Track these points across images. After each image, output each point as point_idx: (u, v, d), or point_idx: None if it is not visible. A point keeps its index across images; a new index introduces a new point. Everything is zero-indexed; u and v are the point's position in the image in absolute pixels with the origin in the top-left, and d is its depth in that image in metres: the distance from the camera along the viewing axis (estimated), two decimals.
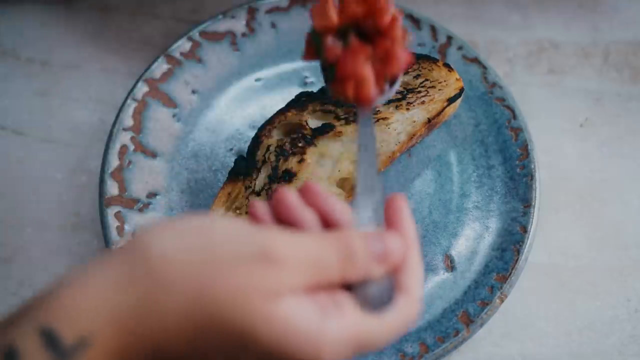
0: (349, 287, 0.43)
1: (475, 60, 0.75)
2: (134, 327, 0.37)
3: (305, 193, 0.45)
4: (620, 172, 0.74)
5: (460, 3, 0.82)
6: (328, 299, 0.41)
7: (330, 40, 0.53)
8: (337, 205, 0.45)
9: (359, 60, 0.51)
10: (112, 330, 0.37)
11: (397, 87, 0.54)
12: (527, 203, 0.69)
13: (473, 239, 0.69)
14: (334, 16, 0.53)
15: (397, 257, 0.43)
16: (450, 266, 0.68)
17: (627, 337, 0.67)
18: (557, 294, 0.69)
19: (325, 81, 0.55)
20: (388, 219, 0.46)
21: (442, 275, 0.67)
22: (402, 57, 0.52)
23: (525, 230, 0.68)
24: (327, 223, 0.45)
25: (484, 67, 0.74)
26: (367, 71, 0.51)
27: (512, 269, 0.66)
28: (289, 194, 0.44)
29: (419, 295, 0.44)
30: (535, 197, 0.69)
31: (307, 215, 0.44)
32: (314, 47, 0.54)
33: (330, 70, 0.53)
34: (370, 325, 0.42)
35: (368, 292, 0.43)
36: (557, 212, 0.72)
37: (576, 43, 0.81)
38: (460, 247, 0.68)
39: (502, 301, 0.65)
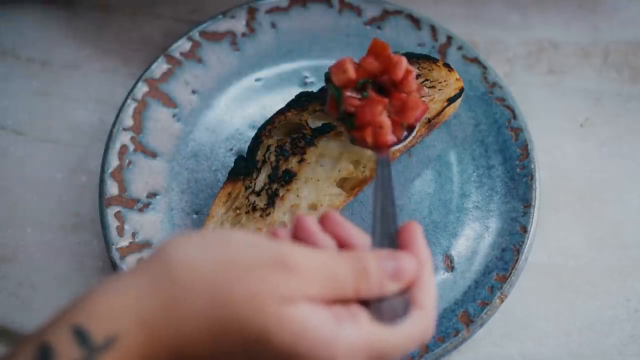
0: (364, 303, 0.44)
1: (475, 60, 0.75)
2: (158, 329, 0.40)
3: (324, 221, 0.47)
4: (620, 172, 0.74)
5: (460, 3, 0.82)
6: (344, 310, 0.43)
7: (349, 93, 0.60)
8: (355, 232, 0.47)
9: (376, 109, 0.59)
10: (138, 331, 0.39)
11: (414, 133, 0.61)
12: (527, 203, 0.69)
13: (473, 239, 0.69)
14: (352, 71, 0.60)
15: (410, 275, 0.45)
16: (450, 266, 0.68)
17: (627, 337, 0.67)
18: (557, 294, 0.69)
19: (347, 130, 0.62)
20: (402, 242, 0.47)
21: (442, 275, 0.67)
22: (417, 107, 0.59)
23: (525, 230, 0.68)
24: (345, 248, 0.47)
25: (484, 67, 0.74)
26: (384, 118, 0.58)
27: (512, 269, 0.66)
28: (308, 219, 0.46)
29: (433, 311, 0.46)
30: (535, 197, 0.69)
31: (325, 239, 0.46)
32: (335, 101, 0.62)
33: (349, 120, 0.61)
34: (385, 334, 0.43)
35: (383, 307, 0.44)
36: (557, 212, 0.72)
37: (576, 43, 0.81)
38: (460, 247, 0.68)
39: (502, 301, 0.65)
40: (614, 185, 0.74)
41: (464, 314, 0.65)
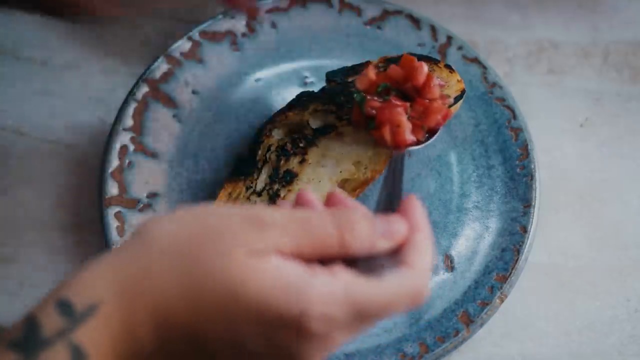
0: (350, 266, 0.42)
1: (475, 60, 0.75)
2: (136, 295, 0.40)
3: (330, 200, 0.46)
4: (620, 172, 0.74)
5: (460, 3, 0.82)
6: (323, 269, 0.41)
7: (370, 97, 0.62)
8: (359, 208, 0.45)
9: (395, 109, 0.61)
10: (118, 298, 0.40)
11: (436, 136, 0.62)
12: (527, 203, 0.69)
13: (473, 239, 0.69)
14: (373, 74, 0.63)
15: (401, 234, 0.44)
16: (450, 266, 0.68)
17: (627, 337, 0.67)
18: (557, 294, 0.69)
19: (368, 132, 0.63)
20: (400, 211, 0.46)
21: (442, 275, 0.67)
22: (440, 111, 0.61)
23: (525, 230, 0.68)
24: None
25: (484, 67, 0.74)
26: (402, 117, 0.60)
27: (512, 269, 0.66)
28: (311, 194, 0.46)
29: (425, 272, 0.43)
30: (535, 197, 0.69)
31: None
32: (359, 109, 0.63)
33: (371, 122, 0.62)
34: (365, 286, 0.41)
35: (370, 267, 0.42)
36: (557, 212, 0.72)
37: (576, 43, 0.81)
38: (460, 247, 0.68)
39: (502, 301, 0.65)
40: (614, 185, 0.74)
41: (464, 314, 0.65)
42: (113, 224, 0.66)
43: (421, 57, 0.71)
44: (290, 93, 0.74)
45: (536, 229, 0.68)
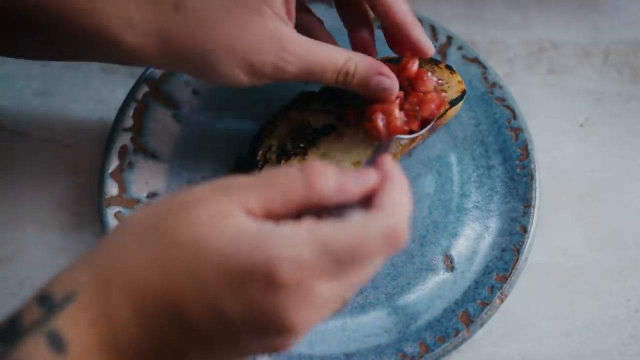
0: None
1: (475, 60, 0.75)
2: (110, 277, 0.41)
3: None
4: (620, 172, 0.74)
5: (460, 3, 0.82)
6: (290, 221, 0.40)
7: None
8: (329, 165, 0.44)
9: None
10: (93, 284, 0.40)
11: (429, 126, 0.63)
12: (527, 203, 0.69)
13: (473, 239, 0.69)
14: None
15: (372, 181, 0.42)
16: (450, 266, 0.68)
17: (627, 337, 0.67)
18: (557, 294, 0.69)
19: (361, 125, 0.64)
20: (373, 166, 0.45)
21: (442, 275, 0.67)
22: (433, 101, 0.62)
23: (525, 230, 0.68)
24: None
25: (484, 67, 0.74)
26: (394, 106, 0.62)
27: (512, 269, 0.66)
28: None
29: (399, 213, 0.41)
30: (535, 197, 0.69)
31: None
32: (352, 104, 0.65)
33: (363, 116, 0.63)
34: (330, 225, 0.40)
35: (340, 216, 0.40)
36: (557, 212, 0.72)
37: (576, 43, 0.81)
38: (460, 247, 0.68)
39: (502, 301, 0.65)
40: (614, 185, 0.74)
41: (464, 314, 0.65)
42: (113, 224, 0.66)
43: (422, 58, 0.71)
44: (291, 92, 0.74)
45: (536, 229, 0.68)
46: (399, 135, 0.62)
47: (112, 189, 0.68)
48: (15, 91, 0.76)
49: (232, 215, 0.40)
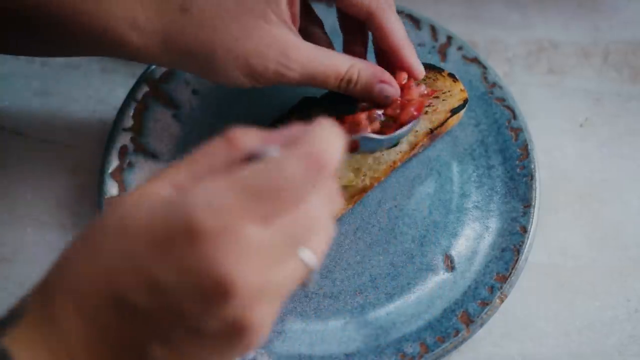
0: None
1: (475, 60, 0.75)
2: (52, 287, 0.40)
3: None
4: (620, 172, 0.74)
5: (460, 3, 0.82)
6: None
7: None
8: None
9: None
10: (35, 297, 0.40)
11: (408, 127, 0.61)
12: (527, 203, 0.69)
13: (473, 239, 0.69)
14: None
15: (293, 132, 0.41)
16: (450, 266, 0.68)
17: (627, 337, 0.67)
18: (557, 294, 0.69)
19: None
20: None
21: (442, 275, 0.67)
22: (411, 105, 0.62)
23: (525, 230, 0.68)
24: None
25: (484, 67, 0.74)
26: (363, 116, 0.62)
27: (512, 269, 0.66)
28: None
29: (320, 140, 0.39)
30: (535, 197, 0.69)
31: None
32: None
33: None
34: (251, 168, 0.38)
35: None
36: (557, 212, 0.72)
37: (576, 43, 0.81)
38: (460, 247, 0.68)
39: (502, 301, 0.65)
40: (614, 185, 0.74)
41: (464, 314, 0.65)
42: None
43: (426, 66, 0.71)
44: (290, 92, 0.74)
45: (536, 229, 0.68)
46: (372, 135, 0.60)
47: (112, 189, 0.68)
48: (15, 91, 0.76)
49: (157, 192, 0.39)
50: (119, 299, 0.38)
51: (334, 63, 0.60)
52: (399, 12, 0.76)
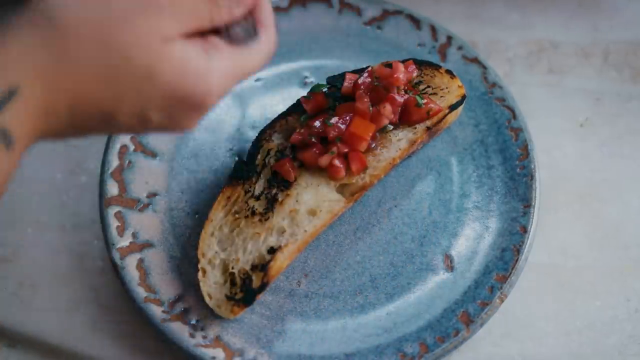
0: (218, 34, 0.50)
1: (475, 60, 0.75)
2: (54, 80, 0.44)
3: None
4: (620, 172, 0.74)
5: (460, 3, 0.82)
6: (205, 42, 0.48)
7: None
8: None
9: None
10: (36, 83, 0.43)
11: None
12: (527, 203, 0.69)
13: (473, 239, 0.69)
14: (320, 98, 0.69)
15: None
16: (450, 266, 0.68)
17: (627, 337, 0.67)
18: (557, 294, 0.69)
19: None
20: None
21: (442, 275, 0.67)
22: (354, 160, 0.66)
23: (525, 230, 0.68)
24: None
25: (484, 67, 0.74)
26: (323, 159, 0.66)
27: (512, 269, 0.66)
28: None
29: (273, 27, 0.53)
30: (535, 197, 0.69)
31: None
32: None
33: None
34: (245, 56, 0.51)
35: (235, 33, 0.51)
36: (557, 212, 0.72)
37: (576, 43, 0.81)
38: (460, 247, 0.68)
39: (502, 301, 0.65)
40: (614, 185, 0.74)
41: (464, 314, 0.65)
42: (113, 224, 0.66)
43: (423, 63, 0.72)
44: (290, 93, 0.74)
45: (536, 229, 0.68)
46: None
47: (112, 188, 0.68)
48: None
49: (173, 42, 0.46)
50: (110, 116, 0.46)
51: None
52: (399, 12, 0.76)
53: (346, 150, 0.65)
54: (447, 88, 0.70)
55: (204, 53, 0.48)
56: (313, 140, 0.65)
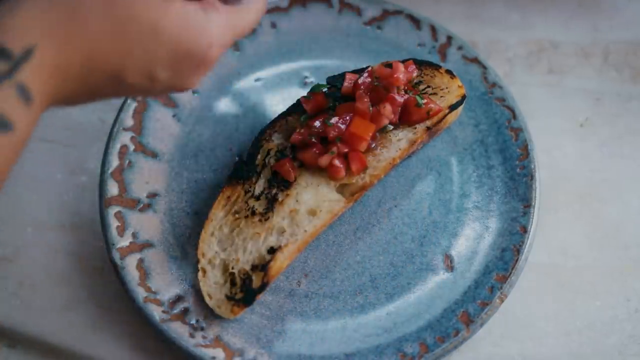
0: None
1: (475, 60, 0.75)
2: (66, 38, 0.46)
3: None
4: (620, 172, 0.74)
5: (460, 3, 0.82)
6: (201, 1, 0.52)
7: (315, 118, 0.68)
8: None
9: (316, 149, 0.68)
10: (49, 42, 0.45)
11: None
12: (527, 203, 0.69)
13: (473, 239, 0.69)
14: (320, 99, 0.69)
15: None
16: (450, 266, 0.68)
17: (627, 337, 0.67)
18: (557, 294, 0.69)
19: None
20: None
21: (442, 275, 0.67)
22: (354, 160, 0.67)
23: (525, 230, 0.68)
24: None
25: (484, 67, 0.74)
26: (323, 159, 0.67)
27: (512, 269, 0.66)
28: None
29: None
30: (535, 197, 0.69)
31: None
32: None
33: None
34: (240, 14, 0.54)
35: None
36: (557, 212, 0.72)
37: (576, 43, 0.81)
38: (460, 247, 0.68)
39: (502, 301, 0.65)
40: (614, 185, 0.74)
41: (464, 314, 0.65)
42: (113, 224, 0.66)
43: (423, 63, 0.72)
44: (290, 93, 0.74)
45: (536, 229, 0.68)
46: None
47: (112, 188, 0.68)
48: None
49: (173, 0, 0.49)
50: (119, 77, 0.49)
51: None
52: (399, 12, 0.76)
53: (346, 150, 0.65)
54: (447, 88, 0.70)
55: (202, 11, 0.51)
56: (313, 140, 0.65)
